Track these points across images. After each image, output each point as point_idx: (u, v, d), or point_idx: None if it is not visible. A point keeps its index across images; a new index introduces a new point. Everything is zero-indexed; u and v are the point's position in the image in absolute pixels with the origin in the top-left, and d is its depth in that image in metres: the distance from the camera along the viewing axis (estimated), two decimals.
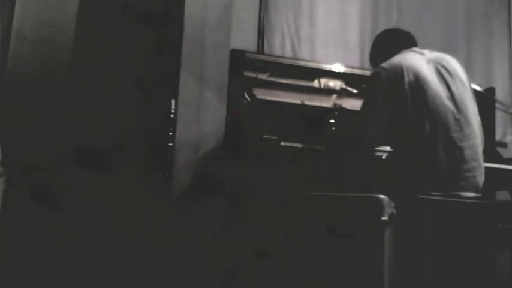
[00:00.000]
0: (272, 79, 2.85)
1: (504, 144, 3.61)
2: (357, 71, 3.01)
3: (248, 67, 2.79)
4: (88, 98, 2.43)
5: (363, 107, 2.18)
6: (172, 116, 2.53)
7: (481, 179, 2.08)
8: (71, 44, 2.44)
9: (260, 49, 3.13)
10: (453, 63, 2.21)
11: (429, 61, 2.16)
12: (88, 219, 2.31)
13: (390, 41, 2.35)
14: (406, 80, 2.05)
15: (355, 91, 2.89)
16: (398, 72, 2.07)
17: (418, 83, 2.05)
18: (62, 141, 2.33)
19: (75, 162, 2.34)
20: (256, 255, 2.20)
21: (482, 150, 2.13)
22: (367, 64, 2.45)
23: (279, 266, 2.05)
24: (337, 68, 2.99)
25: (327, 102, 2.85)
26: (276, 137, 2.27)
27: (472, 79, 2.39)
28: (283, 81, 2.86)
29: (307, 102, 2.80)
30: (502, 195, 2.90)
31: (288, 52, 3.20)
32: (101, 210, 2.34)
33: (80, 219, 2.30)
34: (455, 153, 2.02)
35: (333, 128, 2.57)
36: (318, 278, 1.89)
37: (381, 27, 3.02)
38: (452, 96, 2.09)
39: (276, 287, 2.05)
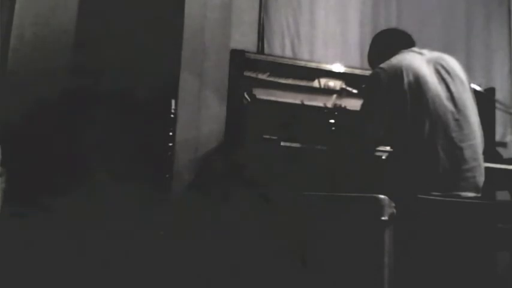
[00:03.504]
0: (272, 79, 2.85)
1: (504, 144, 3.61)
2: (357, 71, 3.01)
3: (248, 67, 2.79)
4: (88, 97, 2.43)
5: (363, 107, 2.18)
6: (172, 116, 2.53)
7: (481, 179, 2.08)
8: (71, 43, 2.44)
9: (260, 49, 3.13)
10: (452, 63, 2.21)
11: (428, 61, 2.16)
12: (88, 219, 2.31)
13: (389, 42, 2.35)
14: (406, 80, 2.04)
15: (355, 91, 2.89)
16: (397, 73, 2.06)
17: (418, 84, 2.05)
18: (62, 141, 2.32)
19: (75, 161, 2.34)
20: (256, 255, 2.20)
21: (482, 150, 2.13)
22: (367, 64, 2.45)
23: (279, 265, 2.05)
24: (337, 68, 2.99)
25: (327, 102, 2.85)
26: (276, 137, 2.27)
27: (472, 79, 2.39)
28: (283, 81, 2.87)
29: (307, 102, 2.80)
30: (502, 195, 2.90)
31: (288, 52, 3.20)
32: (100, 210, 2.34)
33: (80, 219, 2.30)
34: (455, 154, 2.01)
35: (333, 128, 2.57)
36: (318, 278, 1.89)
37: (381, 27, 3.02)
38: (452, 97, 2.09)
39: (275, 287, 2.05)
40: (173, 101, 2.55)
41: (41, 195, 2.25)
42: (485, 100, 2.86)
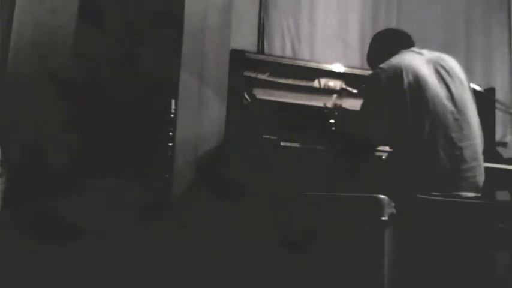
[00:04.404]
0: (272, 79, 2.85)
1: (504, 144, 3.61)
2: (357, 71, 3.01)
3: (248, 67, 2.79)
4: (88, 97, 2.43)
5: (363, 107, 2.18)
6: (172, 116, 2.53)
7: (481, 178, 2.08)
8: (70, 43, 2.44)
9: (260, 49, 3.13)
10: (452, 63, 2.21)
11: (428, 61, 2.16)
12: (88, 219, 2.31)
13: (388, 42, 2.35)
14: (406, 80, 2.04)
15: (355, 91, 2.89)
16: (397, 73, 2.06)
17: (418, 84, 2.05)
18: (61, 141, 2.32)
19: (75, 162, 2.34)
20: (256, 255, 2.20)
21: (482, 150, 2.13)
22: (367, 64, 2.45)
23: (279, 266, 2.05)
24: (337, 68, 2.99)
25: (327, 102, 2.85)
26: (276, 137, 2.27)
27: (472, 79, 2.39)
28: (283, 81, 2.87)
29: (307, 102, 2.80)
30: (502, 195, 2.90)
31: (288, 52, 3.20)
32: (100, 210, 2.34)
33: (79, 219, 2.30)
34: (455, 153, 2.01)
35: (333, 128, 2.57)
36: (318, 277, 1.89)
37: (381, 27, 3.02)
38: (452, 96, 2.09)
39: (275, 287, 2.05)
40: (173, 101, 2.55)
41: (40, 195, 2.25)
42: (485, 100, 2.86)
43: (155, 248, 2.35)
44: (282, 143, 2.26)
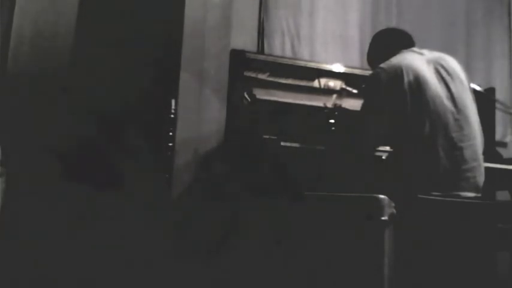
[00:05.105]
0: (272, 79, 2.85)
1: (504, 144, 3.61)
2: (357, 71, 3.01)
3: (248, 67, 2.79)
4: (88, 98, 2.43)
5: (363, 107, 2.18)
6: (172, 116, 2.53)
7: (481, 179, 2.08)
8: (71, 43, 2.44)
9: (260, 49, 3.13)
10: (452, 63, 2.21)
11: (428, 61, 2.16)
12: (87, 218, 2.31)
13: (388, 41, 2.35)
14: (406, 80, 2.04)
15: (355, 91, 2.89)
16: (397, 73, 2.06)
17: (418, 83, 2.05)
18: (61, 141, 2.32)
19: (74, 162, 2.34)
20: (256, 255, 2.20)
21: (482, 150, 2.13)
22: (367, 64, 2.45)
23: (279, 266, 2.05)
24: (337, 68, 2.99)
25: (327, 102, 2.85)
26: (276, 137, 2.27)
27: (472, 79, 2.39)
28: (283, 81, 2.87)
29: (307, 102, 2.80)
30: (502, 195, 2.90)
31: (288, 52, 3.20)
32: (99, 210, 2.34)
33: (79, 219, 2.30)
34: (455, 154, 2.01)
35: (333, 128, 2.57)
36: (318, 277, 1.89)
37: (381, 27, 3.02)
38: (452, 96, 2.09)
39: (275, 287, 2.05)
40: (173, 101, 2.55)
41: (40, 195, 2.25)
42: (485, 100, 2.86)
43: (155, 248, 2.35)
44: (282, 143, 2.26)
